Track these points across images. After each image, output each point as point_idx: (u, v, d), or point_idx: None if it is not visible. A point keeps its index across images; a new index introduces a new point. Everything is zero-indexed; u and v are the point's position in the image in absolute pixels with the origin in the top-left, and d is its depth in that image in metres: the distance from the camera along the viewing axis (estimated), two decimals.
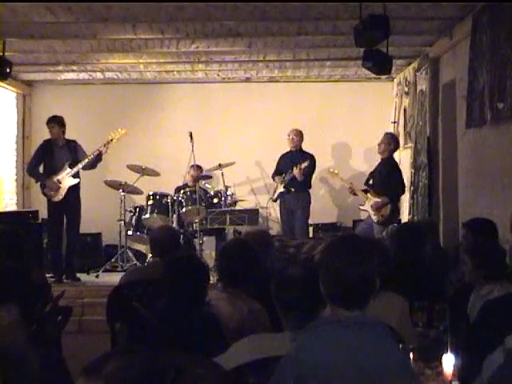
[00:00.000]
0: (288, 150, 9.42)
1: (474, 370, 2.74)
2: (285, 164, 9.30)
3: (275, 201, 9.45)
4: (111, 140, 8.69)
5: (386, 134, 8.94)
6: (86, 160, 8.40)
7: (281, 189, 9.19)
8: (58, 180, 8.33)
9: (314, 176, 9.35)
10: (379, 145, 8.69)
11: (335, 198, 10.72)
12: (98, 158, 8.50)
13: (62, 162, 8.41)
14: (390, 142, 8.68)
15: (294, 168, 8.95)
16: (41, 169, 8.60)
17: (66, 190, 8.33)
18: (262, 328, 3.56)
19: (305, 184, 9.10)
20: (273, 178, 9.48)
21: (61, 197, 8.33)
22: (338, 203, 10.71)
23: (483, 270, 4.02)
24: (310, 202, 9.16)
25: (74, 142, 8.60)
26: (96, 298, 7.34)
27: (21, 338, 2.57)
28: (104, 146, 8.48)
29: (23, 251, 4.67)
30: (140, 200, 9.41)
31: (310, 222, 9.51)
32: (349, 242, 2.60)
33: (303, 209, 9.10)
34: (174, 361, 1.59)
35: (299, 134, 9.35)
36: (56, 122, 8.43)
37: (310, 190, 9.24)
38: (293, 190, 9.06)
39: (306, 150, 9.32)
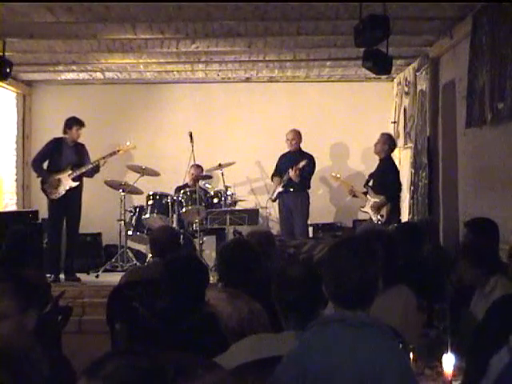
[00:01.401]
0: (288, 150, 9.41)
1: (479, 371, 2.72)
2: (284, 164, 9.26)
3: (274, 201, 9.44)
4: (118, 151, 8.71)
5: (383, 134, 8.92)
6: (90, 166, 8.44)
7: (280, 189, 9.18)
8: (58, 179, 8.35)
9: (313, 176, 9.34)
10: (375, 145, 8.69)
11: (335, 197, 10.70)
12: (96, 169, 8.52)
13: (67, 162, 8.44)
14: (386, 142, 8.66)
15: (290, 170, 8.94)
16: (45, 166, 8.62)
17: (65, 191, 8.35)
18: (262, 328, 3.56)
19: (304, 184, 9.07)
20: (272, 178, 9.47)
21: (58, 195, 8.35)
22: (337, 203, 10.69)
23: (479, 269, 4.02)
24: (308, 202, 9.14)
25: (82, 145, 8.63)
26: (96, 298, 7.32)
27: (27, 340, 2.56)
28: (105, 157, 8.50)
29: (24, 251, 4.67)
30: (140, 200, 9.40)
31: (310, 221, 9.49)
32: (351, 243, 2.63)
33: (302, 209, 9.08)
34: (174, 361, 1.59)
35: (297, 136, 9.28)
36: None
37: (310, 190, 9.22)
38: (291, 189, 9.06)
39: (306, 151, 9.29)
